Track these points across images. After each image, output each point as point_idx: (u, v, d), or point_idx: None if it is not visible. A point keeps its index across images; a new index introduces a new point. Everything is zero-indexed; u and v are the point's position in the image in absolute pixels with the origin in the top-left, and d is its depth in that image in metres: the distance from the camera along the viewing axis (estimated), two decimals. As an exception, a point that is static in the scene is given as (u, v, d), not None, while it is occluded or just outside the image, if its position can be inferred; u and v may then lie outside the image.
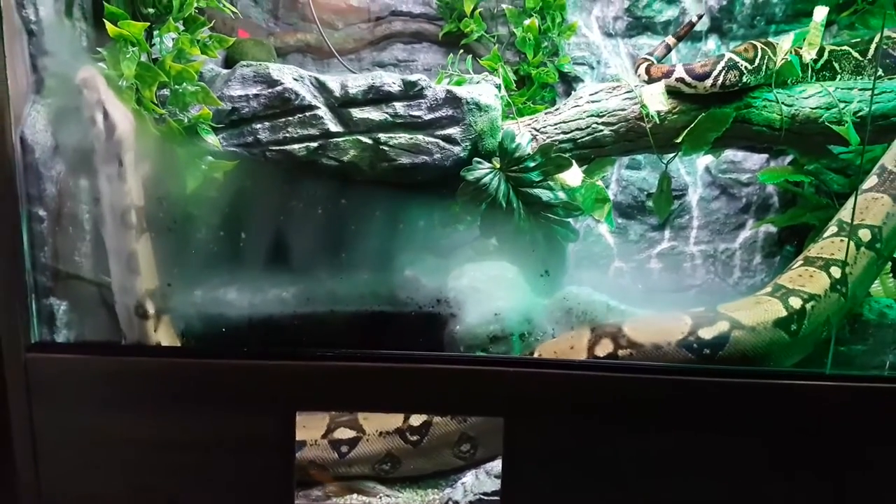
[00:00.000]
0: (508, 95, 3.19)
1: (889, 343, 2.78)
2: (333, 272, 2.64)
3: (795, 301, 2.47)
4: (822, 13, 2.89)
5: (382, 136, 2.68)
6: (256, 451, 2.20)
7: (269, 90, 2.62)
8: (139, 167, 2.25)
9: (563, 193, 2.81)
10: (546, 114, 3.04)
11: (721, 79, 2.83)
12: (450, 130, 2.73)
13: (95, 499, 2.23)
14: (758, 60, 2.85)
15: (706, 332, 2.36)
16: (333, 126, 2.66)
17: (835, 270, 2.58)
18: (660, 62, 3.06)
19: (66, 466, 2.20)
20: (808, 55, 2.92)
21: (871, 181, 2.77)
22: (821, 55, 2.97)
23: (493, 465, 2.42)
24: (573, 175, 2.82)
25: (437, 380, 2.22)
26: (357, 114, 2.67)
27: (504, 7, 3.41)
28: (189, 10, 2.60)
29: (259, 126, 2.62)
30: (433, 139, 2.72)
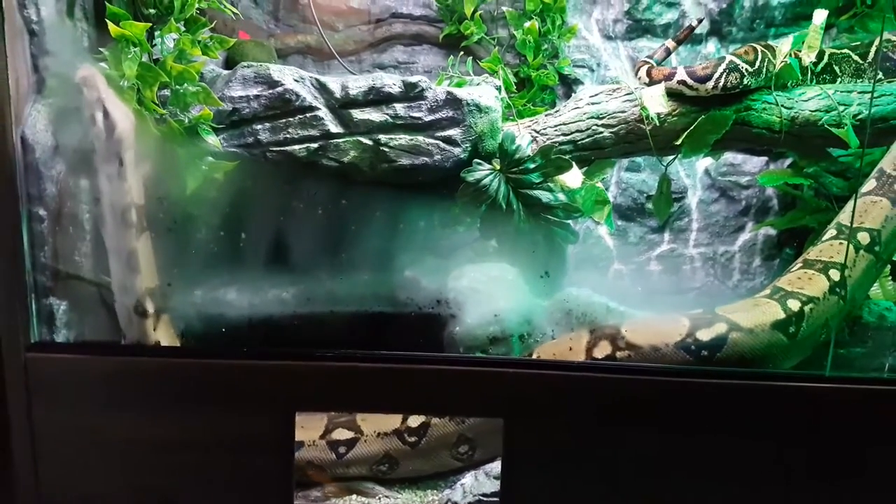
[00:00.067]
0: (508, 97, 3.19)
1: (888, 345, 2.79)
2: (333, 273, 2.65)
3: (794, 303, 2.47)
4: (822, 16, 2.89)
5: (383, 138, 2.69)
6: (256, 452, 2.20)
7: (270, 91, 2.62)
8: (139, 166, 2.25)
9: (563, 195, 2.82)
10: (546, 115, 3.04)
11: (722, 81, 2.84)
12: (450, 132, 2.73)
13: (94, 498, 2.23)
14: (758, 63, 2.86)
15: (704, 334, 2.36)
16: (334, 127, 2.67)
17: (834, 273, 2.58)
18: (659, 65, 3.07)
19: (66, 466, 2.20)
20: (808, 58, 2.93)
21: (870, 185, 2.77)
22: (821, 58, 2.98)
23: (493, 467, 2.42)
24: (573, 177, 2.82)
25: (437, 381, 2.22)
26: (357, 115, 2.67)
27: (504, 9, 3.41)
28: (190, 11, 2.61)
29: (259, 127, 2.63)
30: (433, 140, 2.72)
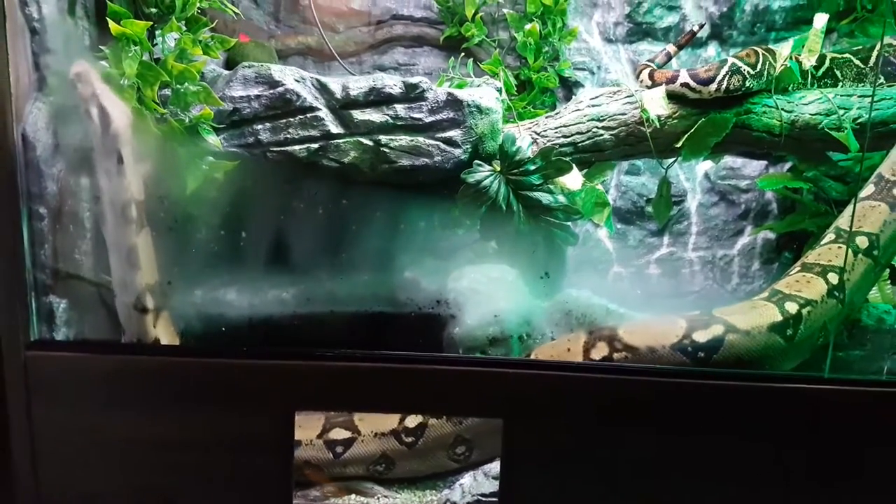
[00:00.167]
0: (509, 100, 3.19)
1: (887, 348, 2.79)
2: (333, 273, 2.65)
3: (791, 306, 2.47)
4: (822, 20, 2.91)
5: (383, 138, 2.69)
6: (255, 451, 2.19)
7: (271, 91, 2.62)
8: (138, 161, 2.24)
9: (563, 197, 2.82)
10: (547, 117, 3.05)
11: (725, 83, 2.85)
12: (450, 133, 2.74)
13: (94, 497, 2.22)
14: (760, 66, 2.86)
15: (701, 336, 2.36)
16: (334, 127, 2.67)
17: (832, 277, 2.58)
18: (660, 69, 3.07)
19: (65, 464, 2.19)
20: (808, 62, 2.94)
21: (869, 190, 2.78)
22: (822, 62, 2.99)
23: (492, 467, 2.42)
24: (573, 179, 2.83)
25: (437, 381, 2.21)
26: (358, 115, 2.67)
27: (505, 12, 3.41)
28: (191, 11, 2.62)
29: (260, 127, 2.63)
30: (434, 141, 2.72)
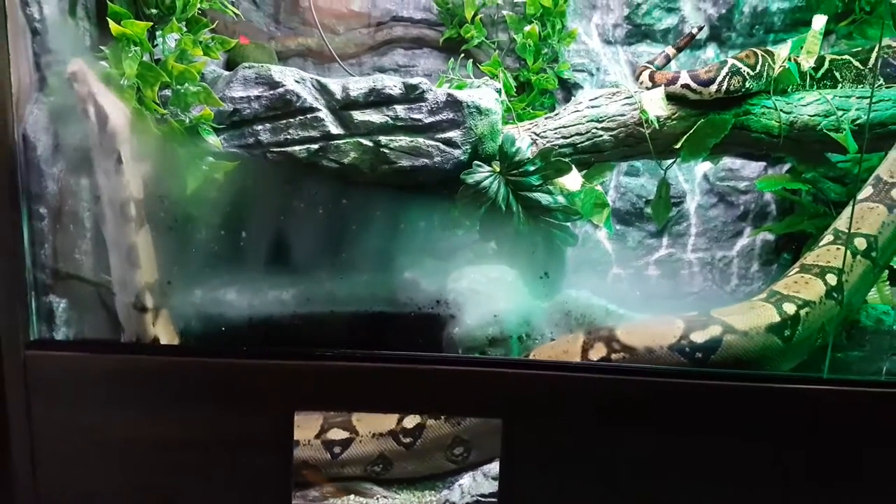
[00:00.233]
0: (508, 101, 3.20)
1: (886, 349, 2.79)
2: (333, 273, 2.65)
3: (790, 307, 2.47)
4: (821, 22, 2.92)
5: (383, 139, 2.69)
6: (255, 451, 2.19)
7: (271, 92, 2.63)
8: (137, 160, 2.25)
9: (563, 198, 2.83)
10: (546, 118, 3.06)
11: (725, 84, 2.85)
12: (450, 134, 2.74)
13: (93, 497, 2.22)
14: (759, 67, 2.87)
15: (698, 336, 2.36)
16: (334, 128, 2.67)
17: (830, 278, 2.58)
18: (660, 71, 3.08)
19: (65, 464, 2.20)
20: (807, 63, 2.95)
21: (867, 191, 2.78)
22: (821, 64, 2.99)
23: (491, 467, 2.42)
24: (572, 179, 2.83)
25: (436, 381, 2.21)
26: (358, 116, 2.68)
27: (505, 13, 3.42)
28: (192, 11, 2.62)
29: (260, 127, 2.63)
30: (433, 142, 2.73)
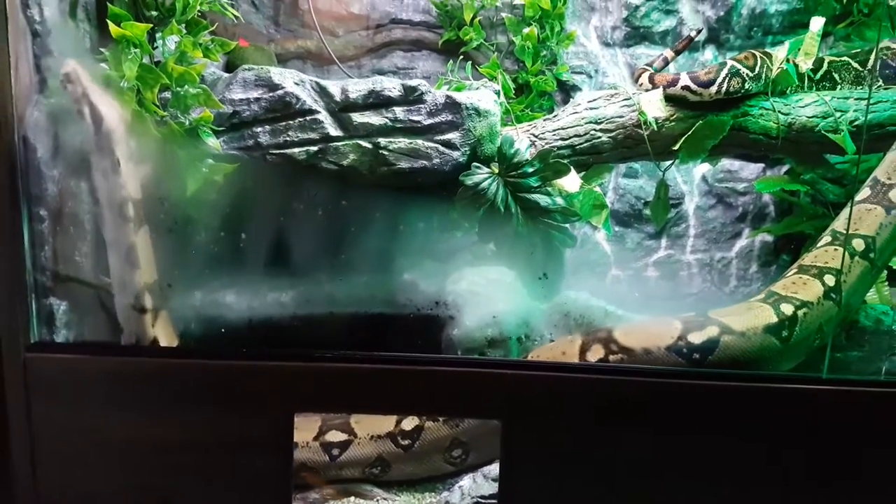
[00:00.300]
0: (507, 103, 3.20)
1: (885, 349, 2.80)
2: (333, 275, 2.65)
3: (787, 308, 2.48)
4: (818, 24, 2.92)
5: (382, 141, 2.70)
6: (255, 452, 2.19)
7: (271, 94, 2.63)
8: (133, 160, 2.25)
9: (562, 199, 2.83)
10: (545, 120, 3.06)
11: (725, 85, 2.86)
12: (449, 135, 2.74)
13: (93, 498, 2.22)
14: (758, 68, 2.88)
15: (696, 337, 2.37)
16: (333, 130, 2.68)
17: (828, 279, 2.58)
18: (659, 73, 3.08)
19: (64, 465, 2.20)
20: (804, 65, 2.95)
21: (864, 193, 2.79)
22: (820, 66, 3.00)
23: (491, 469, 2.42)
24: (571, 181, 2.83)
25: (436, 382, 2.21)
26: (357, 118, 2.68)
27: (503, 16, 3.43)
28: (191, 14, 2.62)
29: (260, 129, 2.63)
30: (432, 144, 2.73)
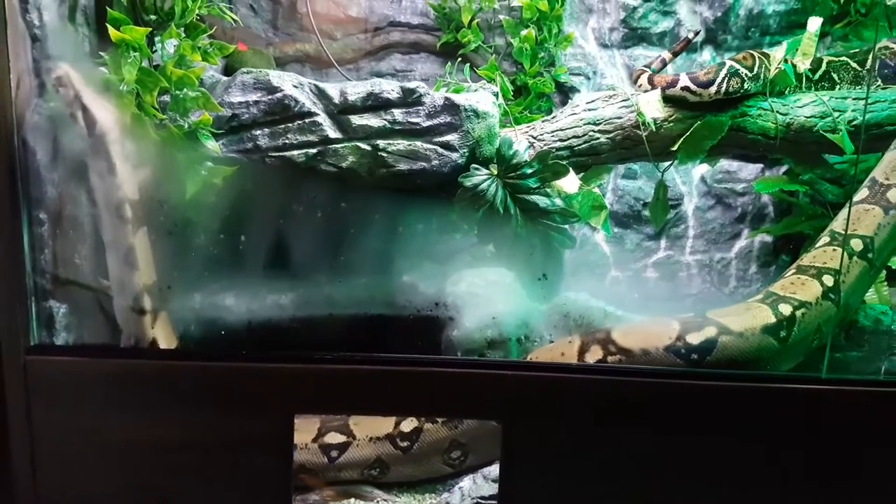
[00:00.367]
0: (505, 105, 3.21)
1: (884, 349, 2.80)
2: (332, 276, 2.65)
3: (785, 308, 2.48)
4: (816, 24, 2.93)
5: (381, 143, 2.70)
6: (254, 454, 2.20)
7: (269, 97, 2.63)
8: (129, 161, 2.25)
9: (560, 200, 2.83)
10: (543, 121, 3.07)
11: (724, 86, 2.86)
12: (448, 137, 2.75)
13: (93, 500, 2.22)
14: (756, 68, 2.88)
15: (694, 338, 2.37)
16: (332, 132, 2.68)
17: (827, 279, 2.59)
18: (657, 74, 3.09)
19: (64, 467, 2.20)
20: (802, 65, 2.96)
21: (863, 193, 2.79)
22: (819, 66, 3.00)
23: (491, 470, 2.42)
24: (570, 182, 2.83)
25: (436, 383, 2.22)
26: (356, 120, 2.69)
27: (501, 18, 3.44)
28: (190, 17, 2.63)
29: (259, 132, 2.63)
30: (431, 146, 2.73)
